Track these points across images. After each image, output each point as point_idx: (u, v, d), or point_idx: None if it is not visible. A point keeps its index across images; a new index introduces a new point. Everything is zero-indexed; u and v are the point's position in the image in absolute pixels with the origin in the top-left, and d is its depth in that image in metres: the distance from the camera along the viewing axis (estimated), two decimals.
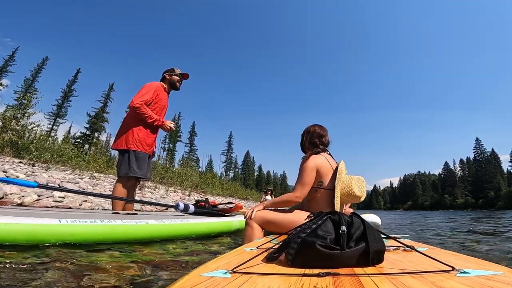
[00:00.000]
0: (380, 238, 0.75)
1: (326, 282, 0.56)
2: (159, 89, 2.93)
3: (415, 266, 0.69)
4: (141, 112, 2.72)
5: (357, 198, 1.74)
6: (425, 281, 0.52)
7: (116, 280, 1.11)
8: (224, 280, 0.57)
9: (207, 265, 0.74)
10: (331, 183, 1.76)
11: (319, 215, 0.82)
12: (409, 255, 0.86)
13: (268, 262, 0.78)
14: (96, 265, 1.34)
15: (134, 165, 2.69)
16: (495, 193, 74.67)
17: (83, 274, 1.18)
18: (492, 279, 0.52)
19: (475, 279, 0.52)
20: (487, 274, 0.55)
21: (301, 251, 0.72)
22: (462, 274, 0.56)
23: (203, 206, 2.98)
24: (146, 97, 2.78)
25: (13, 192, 3.53)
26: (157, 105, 2.90)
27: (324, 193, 1.77)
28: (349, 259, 0.69)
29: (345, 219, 0.75)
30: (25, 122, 10.80)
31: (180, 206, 2.76)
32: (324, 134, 1.95)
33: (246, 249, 1.03)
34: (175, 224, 2.30)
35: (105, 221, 1.86)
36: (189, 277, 0.61)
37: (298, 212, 1.76)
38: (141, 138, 2.75)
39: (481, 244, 2.95)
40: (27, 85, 35.86)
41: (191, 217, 2.62)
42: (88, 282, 1.08)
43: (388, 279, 0.56)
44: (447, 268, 0.59)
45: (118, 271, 1.24)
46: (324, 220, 0.78)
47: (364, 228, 0.73)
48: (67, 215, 1.95)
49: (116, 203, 2.71)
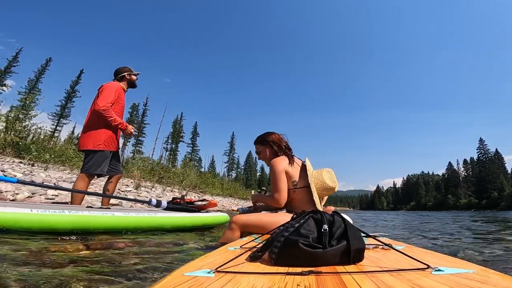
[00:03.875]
0: (360, 236, 0.76)
1: (309, 280, 0.57)
2: (120, 89, 3.01)
3: (393, 264, 0.71)
4: (107, 115, 2.78)
5: (331, 190, 1.84)
6: (403, 279, 0.54)
7: (89, 274, 1.11)
8: (208, 279, 0.57)
9: (190, 265, 0.74)
10: (304, 181, 1.86)
11: (301, 214, 0.83)
12: (388, 253, 0.88)
13: (252, 261, 0.78)
14: (65, 257, 1.36)
15: (99, 163, 2.80)
16: (499, 193, 74.04)
17: (52, 264, 1.22)
18: (465, 277, 0.54)
19: (449, 277, 0.54)
20: (460, 272, 0.57)
21: (284, 250, 0.73)
22: (436, 272, 0.58)
23: (178, 203, 3.16)
24: (110, 99, 2.83)
25: (8, 190, 3.74)
26: (118, 105, 2.99)
27: (301, 192, 1.86)
28: (331, 257, 0.71)
29: (326, 218, 0.77)
30: (27, 123, 11.06)
31: (152, 202, 2.90)
32: (282, 138, 2.09)
33: (229, 248, 1.04)
34: (142, 216, 2.41)
35: (73, 212, 2.02)
36: (172, 276, 0.61)
37: (282, 214, 1.78)
38: (106, 139, 2.86)
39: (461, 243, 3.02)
40: (31, 86, 36.27)
41: (161, 212, 2.76)
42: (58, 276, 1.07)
43: (368, 277, 0.58)
44: (423, 266, 0.61)
45: (93, 265, 1.25)
46: (306, 219, 0.79)
47: (345, 227, 0.75)
48: (40, 206, 2.10)
49: (74, 197, 2.79)
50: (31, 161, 8.18)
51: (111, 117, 2.81)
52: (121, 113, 3.06)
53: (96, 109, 2.78)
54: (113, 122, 2.84)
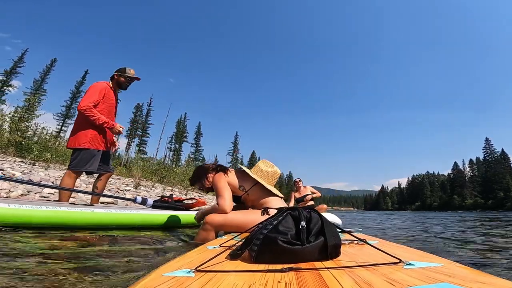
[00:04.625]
0: (337, 232, 0.77)
1: (289, 277, 0.58)
2: (106, 88, 3.01)
3: (368, 259, 0.73)
4: (89, 115, 2.79)
5: (273, 174, 1.99)
6: (378, 273, 0.56)
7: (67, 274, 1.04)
8: (188, 279, 0.57)
9: (169, 265, 0.73)
10: (249, 181, 1.94)
11: (280, 211, 0.84)
12: (363, 248, 0.91)
13: (232, 259, 0.78)
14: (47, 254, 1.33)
15: (87, 161, 2.82)
16: (505, 193, 73.22)
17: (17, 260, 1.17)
18: (434, 271, 0.56)
19: (419, 270, 0.57)
20: (429, 266, 0.60)
21: (263, 247, 0.73)
22: (408, 266, 0.61)
23: (165, 201, 3.19)
24: (92, 98, 2.85)
25: (3, 187, 3.82)
26: (106, 104, 2.99)
27: (253, 191, 1.92)
28: (310, 254, 0.72)
29: (304, 215, 0.77)
30: (30, 123, 11.21)
31: (137, 199, 2.89)
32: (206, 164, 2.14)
33: (209, 247, 1.03)
34: (122, 213, 2.38)
35: (50, 207, 2.01)
36: (151, 277, 0.60)
37: (256, 212, 1.77)
38: (92, 138, 2.88)
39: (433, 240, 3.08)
40: (36, 86, 36.76)
41: (144, 209, 2.74)
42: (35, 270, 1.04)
43: (345, 272, 0.59)
44: (395, 260, 0.64)
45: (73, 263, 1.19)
46: (284, 216, 0.80)
47: (322, 223, 0.76)
48: (19, 202, 2.08)
49: (62, 194, 2.80)
50: (33, 160, 8.30)
51: (94, 116, 2.81)
52: (109, 111, 3.06)
53: (78, 109, 2.81)
54: (97, 121, 2.83)
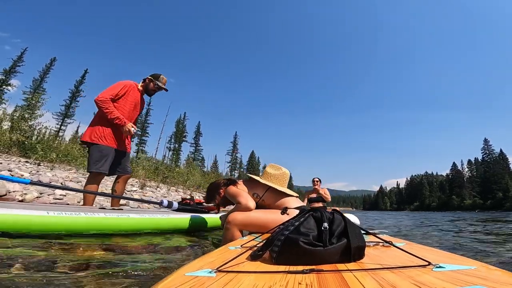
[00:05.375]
0: (361, 234, 0.77)
1: (310, 278, 0.57)
2: (131, 86, 2.96)
3: (394, 261, 0.71)
4: (103, 107, 2.71)
5: (283, 175, 2.02)
6: (404, 276, 0.54)
7: (98, 276, 1.13)
8: (209, 279, 0.57)
9: (192, 264, 0.74)
10: (261, 187, 1.97)
11: (302, 213, 0.83)
12: (388, 251, 0.89)
13: (253, 260, 0.78)
14: (79, 259, 1.38)
15: (99, 160, 2.70)
16: (504, 194, 73.41)
17: (65, 265, 1.24)
18: (466, 274, 0.53)
19: (450, 273, 0.54)
20: (461, 269, 0.57)
21: (284, 248, 0.73)
22: (437, 268, 0.58)
23: (187, 203, 3.12)
24: (112, 92, 2.79)
25: (16, 189, 3.71)
26: (127, 102, 2.92)
27: (267, 195, 1.94)
28: (332, 255, 0.71)
29: (326, 216, 0.77)
30: (33, 123, 11.09)
31: (164, 203, 2.86)
32: (217, 182, 2.17)
33: (230, 248, 1.04)
34: (156, 218, 2.41)
35: (89, 214, 2.01)
36: (173, 277, 0.61)
37: (278, 211, 1.80)
38: (106, 134, 2.76)
39: (461, 241, 3.03)
40: (35, 86, 36.52)
41: (173, 213, 2.73)
42: (70, 274, 1.11)
43: (369, 274, 0.58)
44: (424, 263, 0.61)
45: (100, 266, 1.28)
46: (306, 217, 0.79)
47: (345, 225, 0.75)
48: (55, 208, 2.07)
49: (86, 198, 2.75)
50: (37, 161, 8.19)
51: (107, 109, 2.72)
52: (130, 111, 2.97)
53: (94, 100, 2.73)
54: (109, 115, 2.73)
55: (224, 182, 2.12)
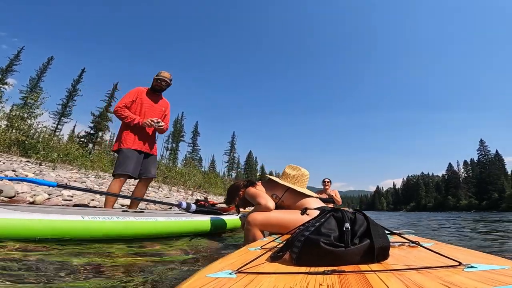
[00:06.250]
0: (385, 234, 0.74)
1: (331, 279, 0.55)
2: (140, 91, 3.10)
3: (421, 262, 0.68)
4: (120, 114, 2.91)
5: (302, 176, 1.99)
6: (432, 277, 0.52)
7: (124, 277, 1.15)
8: (230, 280, 0.57)
9: (213, 266, 0.74)
10: (280, 187, 1.96)
11: (322, 213, 0.81)
12: (415, 251, 0.85)
13: (273, 261, 0.77)
14: (106, 262, 1.39)
15: (122, 163, 2.80)
16: (499, 194, 74.09)
17: (95, 268, 1.26)
18: (500, 274, 0.51)
19: (483, 273, 0.52)
20: (494, 269, 0.54)
21: (305, 249, 0.71)
22: (469, 269, 0.55)
23: (203, 205, 3.11)
24: (123, 101, 2.98)
25: (24, 191, 3.65)
26: (139, 105, 3.04)
27: (287, 196, 1.93)
28: (354, 256, 0.69)
29: (348, 216, 0.76)
30: (32, 122, 10.96)
31: (182, 205, 2.88)
32: (236, 183, 2.19)
33: (250, 249, 1.03)
34: (180, 221, 2.42)
35: (121, 218, 2.00)
36: (195, 278, 0.61)
37: (298, 211, 1.75)
38: (127, 138, 2.89)
39: (486, 241, 3.03)
40: (32, 84, 36.16)
41: (194, 215, 2.74)
42: (96, 277, 1.13)
43: (394, 275, 0.56)
44: (454, 263, 0.58)
45: (126, 268, 1.31)
46: (327, 217, 0.77)
47: (368, 225, 0.73)
48: (86, 212, 2.07)
49: (107, 200, 2.81)
50: (39, 161, 8.09)
51: (123, 115, 2.90)
52: (145, 113, 3.04)
53: (112, 111, 2.95)
54: (126, 119, 2.90)
55: (244, 183, 2.12)
